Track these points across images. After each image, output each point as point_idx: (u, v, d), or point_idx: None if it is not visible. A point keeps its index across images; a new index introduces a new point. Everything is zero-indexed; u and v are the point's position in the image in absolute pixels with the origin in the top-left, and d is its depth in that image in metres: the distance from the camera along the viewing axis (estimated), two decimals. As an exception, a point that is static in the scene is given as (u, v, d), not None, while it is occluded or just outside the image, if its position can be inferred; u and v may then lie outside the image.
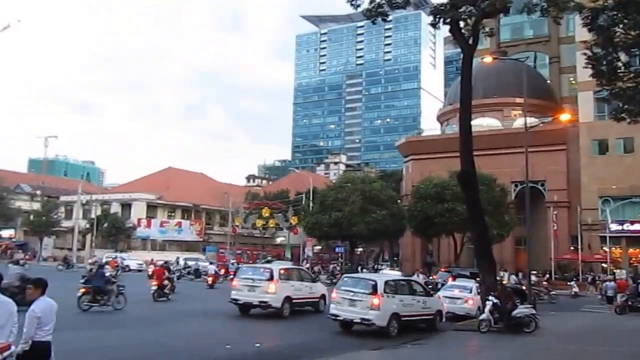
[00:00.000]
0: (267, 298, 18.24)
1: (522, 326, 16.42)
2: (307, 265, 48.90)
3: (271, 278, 18.47)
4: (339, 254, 59.64)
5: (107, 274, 19.96)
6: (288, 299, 18.63)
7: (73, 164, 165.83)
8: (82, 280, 19.68)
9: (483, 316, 16.54)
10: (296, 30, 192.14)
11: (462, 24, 19.28)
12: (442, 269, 35.24)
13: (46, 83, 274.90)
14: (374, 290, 15.03)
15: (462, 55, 19.23)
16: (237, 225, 68.23)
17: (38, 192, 74.49)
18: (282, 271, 19.39)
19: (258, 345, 12.77)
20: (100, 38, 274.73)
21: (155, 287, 22.39)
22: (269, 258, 52.05)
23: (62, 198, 73.41)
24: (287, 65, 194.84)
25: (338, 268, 48.17)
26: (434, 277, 33.71)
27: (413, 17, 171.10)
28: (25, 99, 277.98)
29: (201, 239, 69.89)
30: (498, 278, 21.46)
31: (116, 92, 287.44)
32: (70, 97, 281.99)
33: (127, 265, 45.96)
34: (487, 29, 20.89)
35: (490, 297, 16.57)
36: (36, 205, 69.29)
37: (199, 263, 43.79)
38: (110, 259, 40.83)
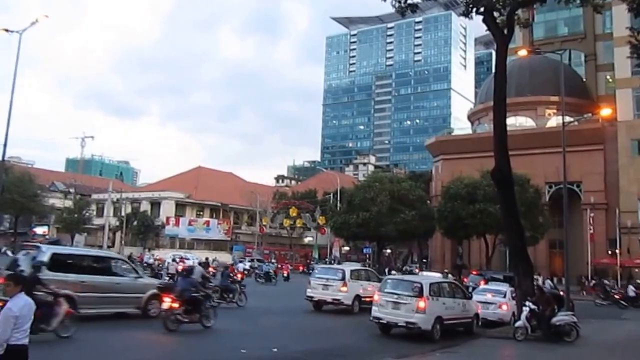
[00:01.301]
0: (340, 296, 20.23)
1: (562, 335, 15.30)
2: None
3: (343, 278, 20.44)
4: (367, 255, 58.83)
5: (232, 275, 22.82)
6: (358, 297, 20.44)
7: (108, 163, 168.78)
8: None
9: (519, 323, 15.50)
10: (326, 32, 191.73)
11: (495, 14, 18.35)
12: (474, 272, 33.87)
13: (85, 86, 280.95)
14: (420, 293, 14.59)
15: (495, 46, 18.28)
16: (264, 225, 68.01)
17: (71, 190, 75.67)
18: (352, 272, 21.35)
19: (275, 350, 12.21)
20: (136, 41, 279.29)
21: None
22: (325, 260, 53.51)
23: (94, 196, 74.37)
24: (318, 66, 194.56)
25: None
26: (465, 280, 32.51)
27: (443, 18, 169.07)
28: (63, 100, 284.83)
29: (229, 238, 69.91)
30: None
31: (152, 94, 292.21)
32: (108, 99, 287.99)
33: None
34: (522, 20, 19.93)
35: (527, 303, 15.55)
36: (69, 203, 70.29)
37: (268, 265, 41.22)
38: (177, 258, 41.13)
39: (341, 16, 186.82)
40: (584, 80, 58.87)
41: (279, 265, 49.94)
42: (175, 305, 13.53)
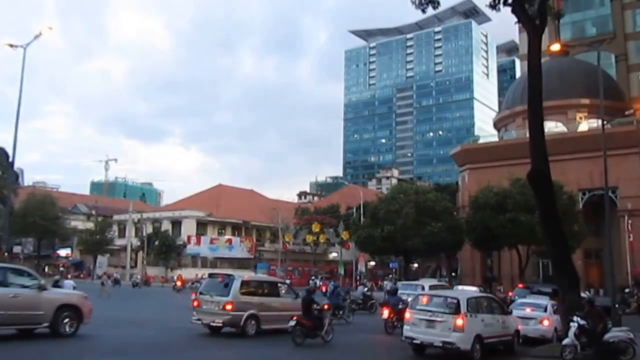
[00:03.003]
0: None
1: (616, 353, 13.53)
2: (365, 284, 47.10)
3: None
4: (394, 270, 56.98)
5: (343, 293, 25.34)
6: None
7: (132, 185, 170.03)
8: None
9: (567, 340, 13.77)
10: (345, 47, 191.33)
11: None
12: (520, 285, 31.70)
13: (108, 109, 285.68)
14: (457, 310, 13.24)
15: (527, 39, 16.84)
16: (287, 242, 66.76)
17: (93, 212, 75.82)
18: (431, 287, 24.02)
19: None
20: (156, 64, 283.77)
21: None
22: (391, 276, 53.63)
23: (115, 217, 74.22)
24: (338, 81, 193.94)
25: (391, 284, 45.71)
26: (510, 293, 30.62)
27: (463, 27, 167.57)
28: (87, 124, 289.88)
29: (252, 256, 68.85)
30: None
31: (175, 116, 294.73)
32: (131, 122, 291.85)
33: None
34: (553, 11, 18.52)
35: (575, 318, 13.85)
36: (91, 225, 70.27)
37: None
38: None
39: (359, 29, 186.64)
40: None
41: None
42: (392, 315, 18.38)
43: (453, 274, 60.29)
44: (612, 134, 42.09)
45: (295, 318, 15.02)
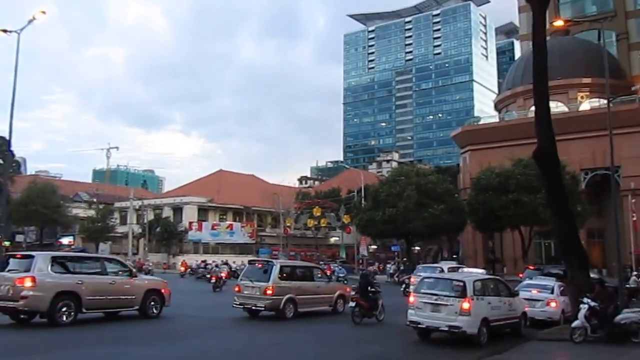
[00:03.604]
0: None
1: (628, 335, 13.32)
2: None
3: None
4: (395, 253, 56.94)
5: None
6: None
7: (133, 173, 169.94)
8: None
9: (577, 323, 13.51)
10: (344, 31, 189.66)
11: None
12: (531, 267, 31.29)
13: (108, 97, 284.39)
14: (463, 293, 12.88)
15: (532, 15, 16.46)
16: (288, 226, 66.64)
17: (95, 199, 75.52)
18: (449, 269, 24.61)
19: None
20: (155, 51, 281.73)
21: None
22: (401, 259, 52.82)
23: (117, 204, 74.01)
24: (338, 66, 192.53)
25: (394, 267, 45.60)
26: (520, 275, 30.32)
27: (462, 9, 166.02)
28: (88, 112, 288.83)
29: (254, 241, 68.77)
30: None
31: (174, 102, 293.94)
32: (131, 109, 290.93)
33: None
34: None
35: (586, 300, 13.60)
36: (92, 213, 70.06)
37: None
38: None
39: (358, 13, 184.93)
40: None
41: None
42: None
43: (454, 256, 60.26)
44: (614, 112, 40.98)
45: (354, 299, 16.75)
